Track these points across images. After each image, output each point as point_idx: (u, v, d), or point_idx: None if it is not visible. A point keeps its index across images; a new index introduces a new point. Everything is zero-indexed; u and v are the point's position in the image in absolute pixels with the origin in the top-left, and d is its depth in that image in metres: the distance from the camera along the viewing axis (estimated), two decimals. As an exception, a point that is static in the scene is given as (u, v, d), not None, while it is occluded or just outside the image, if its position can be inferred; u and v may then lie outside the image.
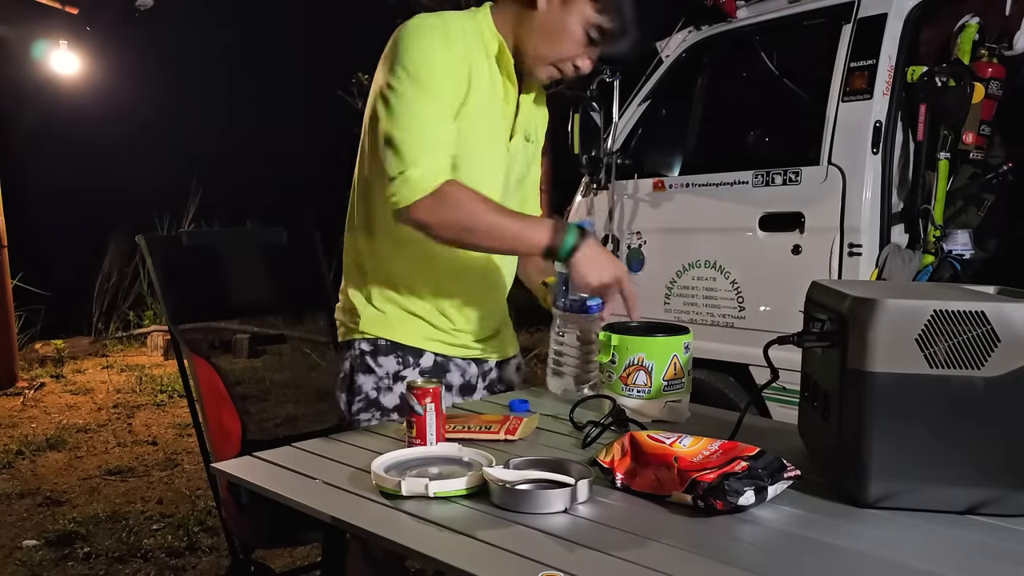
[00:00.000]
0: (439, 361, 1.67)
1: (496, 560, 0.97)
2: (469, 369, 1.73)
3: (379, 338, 1.63)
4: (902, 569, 0.94)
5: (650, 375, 1.50)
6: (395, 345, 1.63)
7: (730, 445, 1.21)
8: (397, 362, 1.63)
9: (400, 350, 1.63)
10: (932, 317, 1.06)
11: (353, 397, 1.63)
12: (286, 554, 2.94)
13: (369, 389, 1.62)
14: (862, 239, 2.70)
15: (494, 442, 1.42)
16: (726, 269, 3.06)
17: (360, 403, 1.63)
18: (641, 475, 1.17)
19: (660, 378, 1.49)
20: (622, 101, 3.43)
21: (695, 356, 1.60)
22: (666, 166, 3.50)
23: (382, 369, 1.63)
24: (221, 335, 5.65)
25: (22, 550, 3.07)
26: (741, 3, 3.23)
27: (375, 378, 1.62)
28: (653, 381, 1.50)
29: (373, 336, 1.63)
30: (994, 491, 1.08)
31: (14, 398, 5.41)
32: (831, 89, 2.82)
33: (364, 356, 1.63)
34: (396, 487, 1.14)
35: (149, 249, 2.05)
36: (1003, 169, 2.78)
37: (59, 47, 6.03)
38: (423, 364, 1.65)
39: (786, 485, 1.12)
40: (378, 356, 1.63)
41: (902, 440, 1.09)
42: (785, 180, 2.90)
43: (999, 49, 2.67)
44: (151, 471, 3.98)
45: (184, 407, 4.57)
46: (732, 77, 3.53)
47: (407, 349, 1.64)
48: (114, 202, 7.90)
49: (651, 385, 1.50)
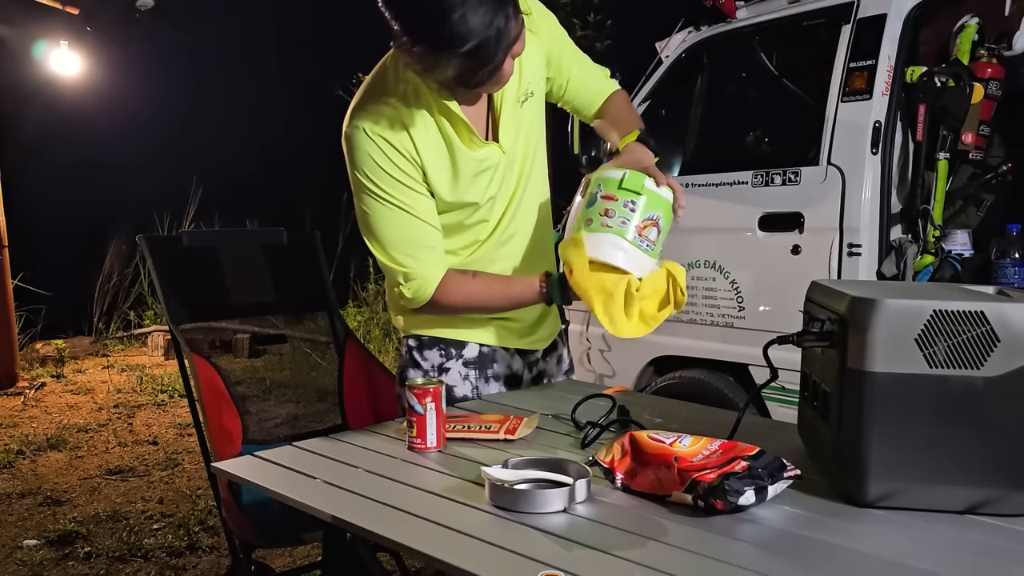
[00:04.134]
0: (484, 352, 1.72)
1: (496, 560, 0.98)
2: (514, 361, 1.78)
3: (423, 334, 1.70)
4: (902, 569, 0.95)
5: (659, 235, 1.50)
6: (437, 339, 1.70)
7: (730, 445, 1.21)
8: (440, 354, 1.70)
9: (442, 343, 1.70)
10: (932, 317, 1.07)
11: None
12: (286, 554, 2.94)
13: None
14: (861, 239, 2.70)
15: (494, 442, 1.42)
16: (725, 269, 3.06)
17: None
18: (641, 475, 1.17)
19: (660, 243, 1.51)
20: (622, 101, 3.43)
21: (695, 356, 1.60)
22: (666, 166, 3.48)
23: (427, 363, 1.71)
24: (221, 335, 5.64)
25: (23, 550, 3.07)
26: (741, 3, 3.23)
27: (422, 372, 1.70)
28: (658, 242, 1.51)
29: (417, 332, 1.71)
30: (994, 491, 1.08)
31: (15, 398, 5.41)
32: (830, 89, 2.82)
33: (412, 352, 1.72)
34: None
35: (149, 249, 2.05)
36: (1002, 169, 2.78)
37: (59, 47, 6.03)
38: (467, 355, 1.71)
39: (786, 485, 1.12)
40: (423, 350, 1.71)
41: (902, 440, 1.09)
42: (784, 180, 2.90)
43: (998, 49, 2.67)
44: (152, 471, 3.99)
45: (184, 407, 4.57)
46: (732, 77, 3.53)
47: (449, 342, 1.70)
48: (114, 202, 7.89)
49: (656, 245, 1.50)
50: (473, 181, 1.57)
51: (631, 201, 1.47)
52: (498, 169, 1.61)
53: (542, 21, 1.65)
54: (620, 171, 1.50)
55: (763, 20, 3.14)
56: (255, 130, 9.52)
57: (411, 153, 1.49)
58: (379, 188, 1.49)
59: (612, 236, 1.45)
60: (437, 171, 1.53)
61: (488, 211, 1.64)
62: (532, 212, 1.72)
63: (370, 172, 1.49)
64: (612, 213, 1.45)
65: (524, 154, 1.67)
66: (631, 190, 1.46)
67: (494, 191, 1.62)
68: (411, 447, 1.39)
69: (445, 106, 1.50)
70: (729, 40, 3.27)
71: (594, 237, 1.45)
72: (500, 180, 1.63)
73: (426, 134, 1.51)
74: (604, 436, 1.44)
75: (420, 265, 1.54)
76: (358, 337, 2.42)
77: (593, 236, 1.46)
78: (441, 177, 1.54)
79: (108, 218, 7.58)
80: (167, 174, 8.22)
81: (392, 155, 1.48)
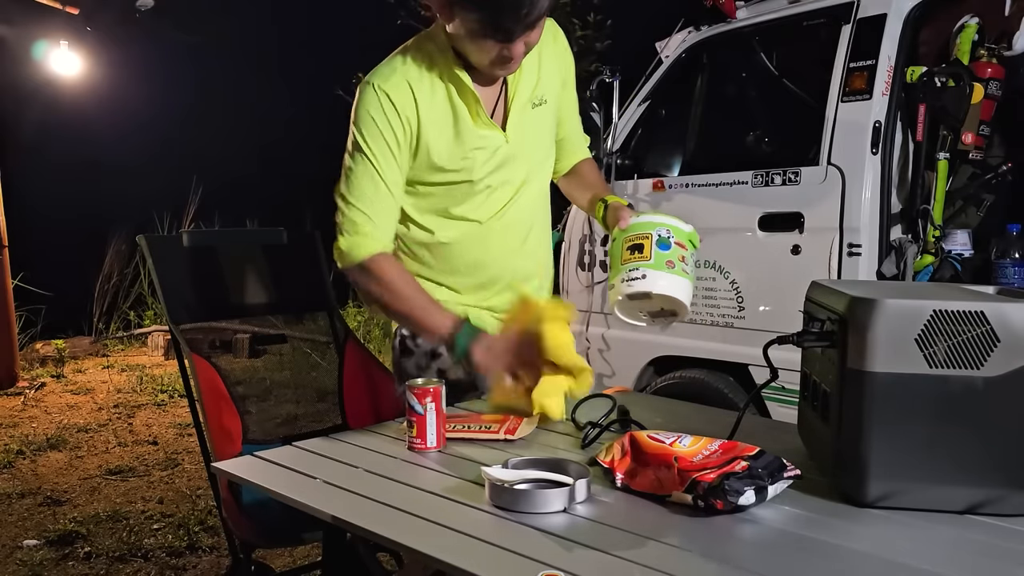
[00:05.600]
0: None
1: (495, 559, 0.98)
2: None
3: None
4: (901, 569, 0.95)
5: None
6: None
7: (730, 445, 1.21)
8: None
9: None
10: (932, 317, 1.07)
11: (403, 382, 1.66)
12: (286, 554, 2.94)
13: (412, 370, 1.74)
14: (861, 239, 2.70)
15: (494, 442, 1.42)
16: (725, 269, 3.06)
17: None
18: (641, 475, 1.17)
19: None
20: (622, 101, 3.43)
21: (694, 356, 1.61)
22: (666, 166, 3.50)
23: (420, 349, 1.74)
24: (221, 335, 5.64)
25: (23, 550, 3.07)
26: (741, 3, 3.23)
27: (415, 359, 1.74)
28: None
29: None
30: (994, 491, 1.08)
31: (15, 398, 5.41)
32: (830, 89, 2.82)
33: (405, 340, 1.75)
34: None
35: (150, 249, 2.05)
36: (1002, 169, 2.78)
37: (59, 47, 6.03)
38: None
39: (786, 485, 1.12)
40: (416, 337, 1.74)
41: (902, 440, 1.09)
42: (784, 180, 2.90)
43: (998, 49, 2.67)
44: (152, 471, 3.99)
45: (184, 407, 4.57)
46: (732, 77, 3.53)
47: None
48: (114, 202, 7.89)
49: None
50: (471, 154, 1.61)
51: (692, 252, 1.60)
52: (497, 153, 1.64)
53: (567, 54, 1.77)
54: (684, 223, 1.58)
55: (763, 20, 3.14)
56: (255, 130, 9.52)
57: (409, 113, 1.56)
58: (365, 143, 1.56)
59: (689, 282, 1.56)
60: (437, 130, 1.59)
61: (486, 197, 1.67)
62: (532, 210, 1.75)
63: (363, 127, 1.56)
64: (687, 260, 1.56)
65: (531, 157, 1.71)
66: (694, 244, 1.59)
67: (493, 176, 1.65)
68: (411, 447, 1.40)
69: (458, 77, 1.57)
70: (729, 40, 3.27)
71: (683, 282, 1.55)
72: (500, 166, 1.66)
73: (432, 96, 1.58)
74: (604, 436, 1.44)
75: (369, 226, 1.57)
76: (358, 337, 2.42)
77: (682, 281, 1.54)
78: (440, 135, 1.59)
79: (108, 218, 7.58)
80: (167, 174, 8.21)
81: (389, 113, 1.54)
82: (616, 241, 1.58)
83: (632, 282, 1.51)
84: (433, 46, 1.59)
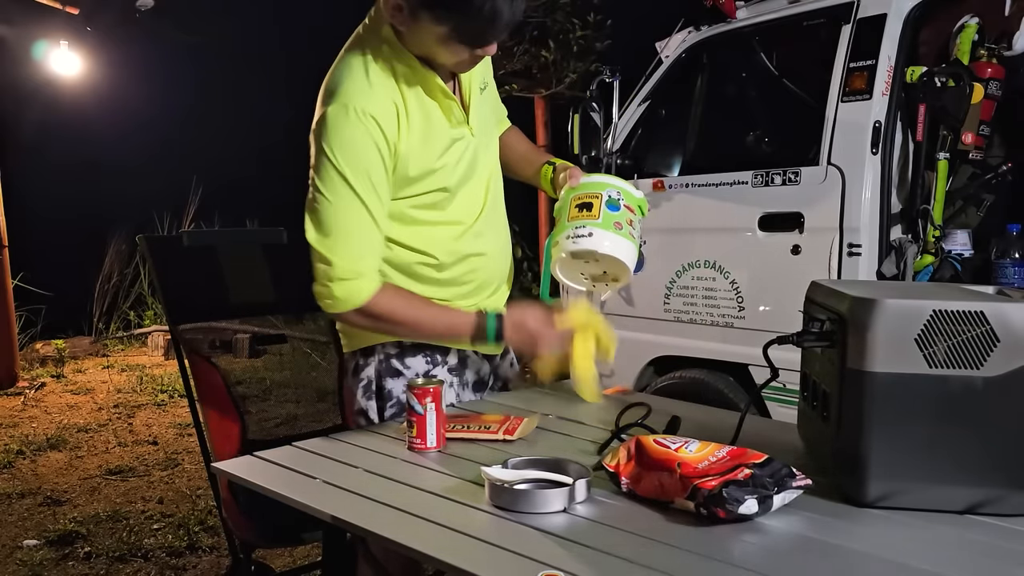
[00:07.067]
0: (463, 357, 1.69)
1: (495, 559, 0.98)
2: (483, 366, 1.75)
3: (405, 340, 1.61)
4: (902, 569, 0.95)
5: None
6: (421, 346, 1.62)
7: (739, 451, 1.17)
8: (426, 361, 1.63)
9: (427, 349, 1.62)
10: (931, 317, 1.07)
11: (384, 403, 1.62)
12: (286, 554, 2.94)
13: (400, 392, 1.60)
14: (861, 239, 2.69)
15: (494, 442, 1.42)
16: (726, 269, 3.06)
17: (393, 408, 1.61)
18: (645, 479, 1.15)
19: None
20: (622, 101, 3.43)
21: (695, 356, 1.61)
22: (666, 166, 3.50)
23: (410, 371, 1.61)
24: (221, 335, 5.65)
25: (23, 550, 3.07)
26: (741, 3, 3.23)
27: (404, 380, 1.58)
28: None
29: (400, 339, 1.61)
30: (994, 491, 1.08)
31: (15, 398, 5.41)
32: (830, 89, 2.82)
33: (390, 360, 1.61)
34: None
35: (150, 249, 2.06)
36: (1002, 169, 2.78)
37: (59, 47, 6.03)
38: (450, 361, 1.66)
39: (796, 495, 1.10)
40: (405, 358, 1.62)
41: (902, 440, 1.09)
42: (784, 180, 2.90)
43: (998, 49, 2.67)
44: (151, 471, 3.99)
45: (184, 407, 4.57)
46: (732, 77, 3.52)
47: (434, 348, 1.63)
48: (114, 202, 7.88)
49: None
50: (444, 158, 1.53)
51: (640, 218, 1.60)
52: (467, 150, 1.58)
53: None
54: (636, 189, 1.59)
55: (763, 20, 3.14)
56: (255, 130, 9.50)
57: (395, 137, 1.45)
58: (349, 175, 1.42)
59: (634, 247, 1.55)
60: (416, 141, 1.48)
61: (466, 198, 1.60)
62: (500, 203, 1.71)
63: (345, 157, 1.41)
64: (634, 225, 1.56)
65: (490, 145, 1.67)
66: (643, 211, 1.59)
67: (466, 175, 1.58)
68: (411, 447, 1.39)
69: (426, 79, 1.47)
70: (729, 40, 3.27)
71: (629, 245, 1.54)
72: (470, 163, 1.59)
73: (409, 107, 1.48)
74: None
75: (360, 265, 1.45)
76: (358, 337, 2.42)
77: (629, 244, 1.54)
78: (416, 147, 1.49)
79: (108, 218, 7.58)
80: (167, 174, 8.21)
81: (379, 141, 1.42)
82: (565, 199, 1.56)
83: (579, 239, 1.50)
84: (387, 47, 1.46)
